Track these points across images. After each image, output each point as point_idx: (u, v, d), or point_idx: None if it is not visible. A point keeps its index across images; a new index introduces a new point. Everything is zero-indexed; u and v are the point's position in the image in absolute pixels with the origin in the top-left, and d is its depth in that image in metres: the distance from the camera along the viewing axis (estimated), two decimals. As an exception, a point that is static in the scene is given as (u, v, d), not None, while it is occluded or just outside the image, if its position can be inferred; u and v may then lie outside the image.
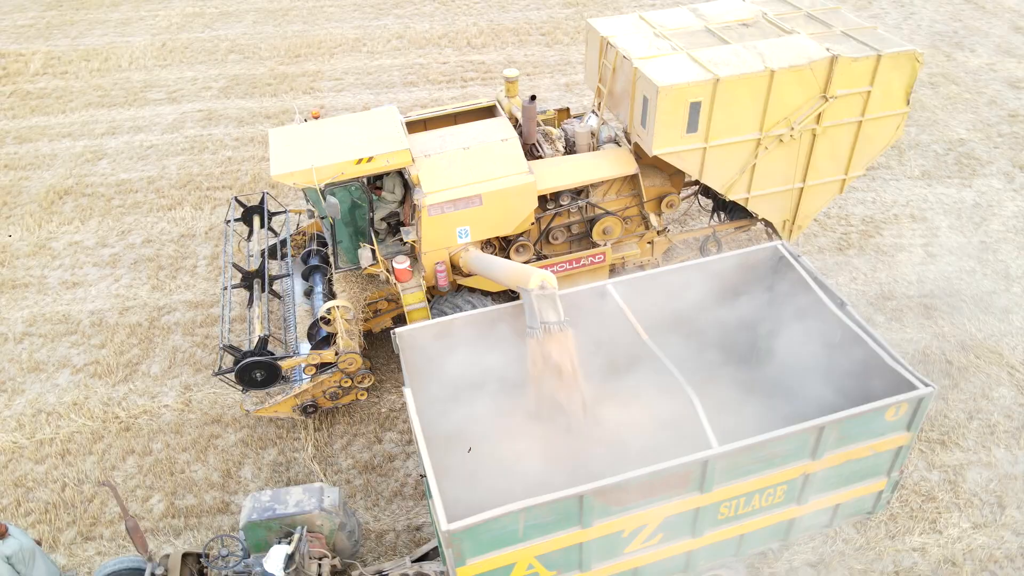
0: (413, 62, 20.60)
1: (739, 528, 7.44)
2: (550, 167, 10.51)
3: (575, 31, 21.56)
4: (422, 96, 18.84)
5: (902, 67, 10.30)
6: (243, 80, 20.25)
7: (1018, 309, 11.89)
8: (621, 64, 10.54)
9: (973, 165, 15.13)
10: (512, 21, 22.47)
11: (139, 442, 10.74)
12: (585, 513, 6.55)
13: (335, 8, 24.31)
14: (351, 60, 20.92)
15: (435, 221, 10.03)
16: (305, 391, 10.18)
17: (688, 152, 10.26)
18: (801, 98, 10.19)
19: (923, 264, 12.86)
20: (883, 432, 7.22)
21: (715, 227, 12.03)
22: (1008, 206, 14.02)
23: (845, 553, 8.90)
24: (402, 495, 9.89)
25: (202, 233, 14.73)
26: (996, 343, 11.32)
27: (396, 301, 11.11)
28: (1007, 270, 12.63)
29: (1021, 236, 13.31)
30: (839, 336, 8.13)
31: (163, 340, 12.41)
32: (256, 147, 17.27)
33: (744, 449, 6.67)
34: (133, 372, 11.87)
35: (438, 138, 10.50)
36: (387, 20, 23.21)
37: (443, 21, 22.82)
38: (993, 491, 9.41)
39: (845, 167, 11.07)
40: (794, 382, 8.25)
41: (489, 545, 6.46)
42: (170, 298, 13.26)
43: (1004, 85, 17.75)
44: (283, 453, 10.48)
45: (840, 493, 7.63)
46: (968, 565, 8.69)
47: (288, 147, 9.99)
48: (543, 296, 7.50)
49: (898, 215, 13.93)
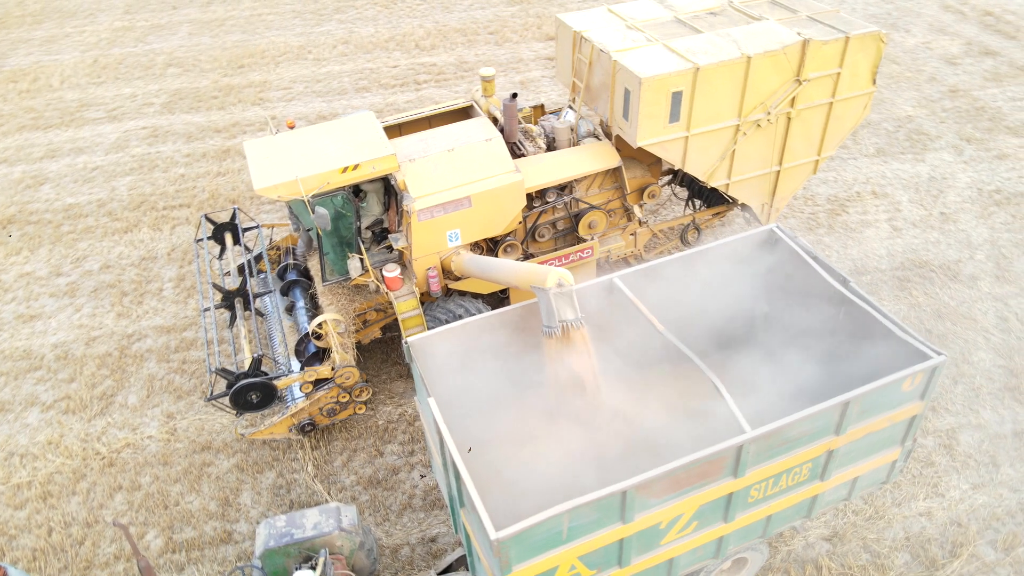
0: (362, 67, 20.24)
1: (767, 509, 7.51)
2: (534, 165, 10.44)
3: (523, 28, 21.55)
4: (376, 101, 18.53)
5: (868, 48, 10.60)
6: (186, 94, 19.55)
7: (983, 275, 12.39)
8: (598, 58, 10.54)
9: (923, 140, 15.71)
10: (458, 21, 22.31)
11: (125, 477, 10.23)
12: (627, 508, 6.50)
13: (274, 16, 23.73)
14: (298, 68, 20.43)
15: (425, 226, 9.85)
16: (301, 410, 9.87)
17: (671, 142, 10.33)
18: (776, 83, 10.38)
19: (890, 239, 13.28)
20: (900, 403, 7.39)
21: (695, 215, 12.16)
22: (961, 178, 14.61)
23: (856, 524, 9.11)
24: (412, 507, 9.68)
25: (164, 255, 14.14)
26: (968, 309, 11.77)
27: (385, 311, 10.88)
28: (968, 239, 13.15)
29: (977, 205, 13.88)
30: (842, 313, 8.30)
31: (137, 369, 11.85)
32: (209, 162, 16.70)
33: (776, 431, 6.73)
34: (109, 405, 11.31)
35: (420, 141, 10.31)
36: (330, 26, 22.76)
37: (388, 24, 22.51)
38: (986, 451, 9.77)
39: (818, 148, 11.34)
40: (803, 360, 8.37)
41: (534, 550, 6.35)
42: (138, 324, 12.68)
43: (941, 62, 18.50)
44: (282, 475, 10.13)
45: (859, 466, 7.78)
46: (973, 524, 9.00)
47: (267, 159, 9.66)
48: (561, 294, 7.42)
49: (860, 192, 14.36)
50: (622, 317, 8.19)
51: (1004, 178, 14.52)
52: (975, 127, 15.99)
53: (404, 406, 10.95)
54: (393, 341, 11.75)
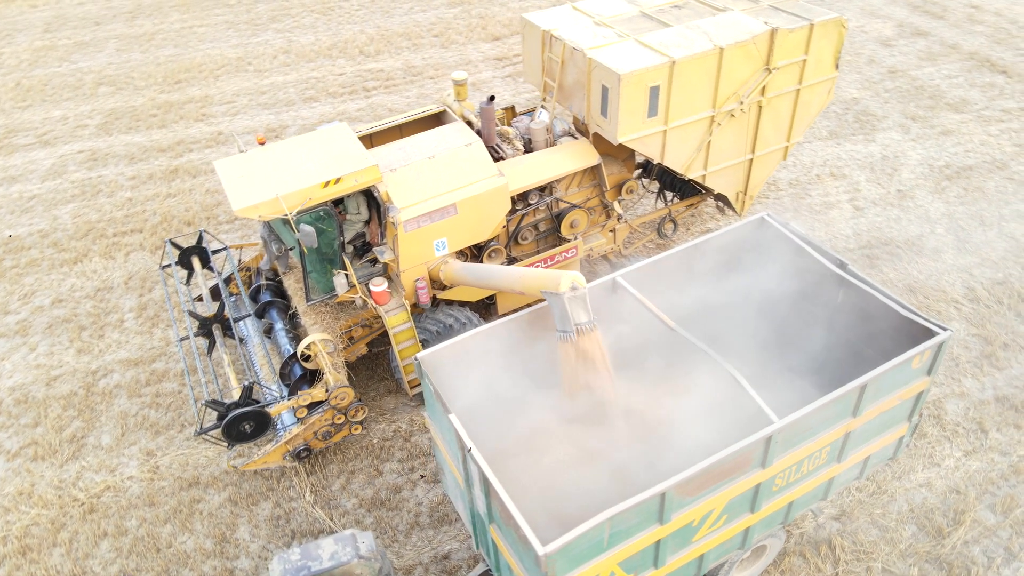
0: (307, 76, 19.71)
1: (789, 496, 7.57)
2: (515, 167, 10.31)
3: (468, 30, 21.35)
4: (326, 111, 18.07)
5: (830, 34, 10.84)
6: (122, 113, 18.69)
7: (946, 248, 12.84)
8: (571, 56, 10.46)
9: (871, 121, 16.21)
10: (400, 25, 21.97)
11: (109, 522, 9.66)
12: (666, 509, 6.44)
13: (206, 28, 22.93)
14: (239, 81, 19.77)
15: (412, 237, 9.60)
16: (296, 435, 9.50)
17: (650, 136, 10.34)
18: (747, 72, 10.51)
19: (854, 218, 13.64)
20: (909, 380, 7.54)
21: (671, 207, 12.23)
22: (911, 155, 15.12)
23: (862, 501, 9.30)
24: (419, 525, 9.43)
25: (121, 284, 13.46)
26: (937, 282, 12.17)
27: (371, 326, 10.58)
28: (927, 213, 13.61)
29: (931, 181, 14.39)
30: (840, 295, 8.45)
31: (107, 407, 11.23)
32: (157, 184, 15.99)
33: (801, 418, 6.77)
34: (81, 447, 10.67)
35: (398, 150, 10.04)
36: (267, 36, 22.12)
37: (328, 32, 22.00)
38: (973, 418, 10.11)
39: (787, 134, 11.54)
40: (807, 345, 8.48)
41: (578, 560, 6.23)
42: (102, 360, 12.02)
43: (877, 44, 19.13)
44: (279, 505, 9.73)
45: (871, 445, 7.93)
46: (971, 490, 9.29)
47: (242, 178, 9.24)
48: (575, 298, 7.31)
49: (820, 175, 14.71)
50: (628, 316, 8.13)
51: (951, 153, 15.09)
52: (917, 106, 16.59)
53: (397, 422, 10.67)
54: (379, 356, 11.44)
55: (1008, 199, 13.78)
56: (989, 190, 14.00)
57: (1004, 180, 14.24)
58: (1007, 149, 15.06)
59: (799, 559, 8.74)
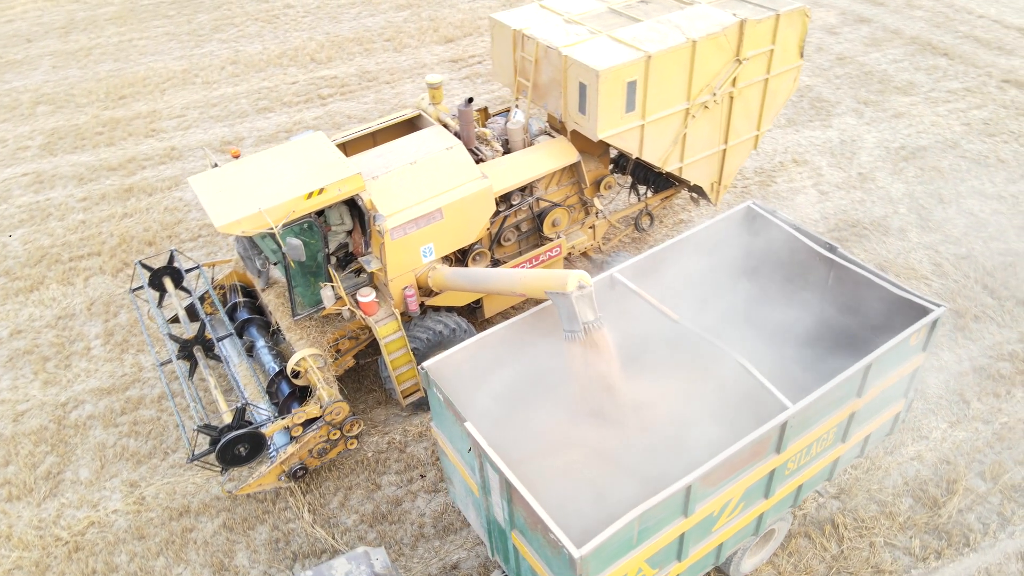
0: (259, 87, 19.24)
1: (799, 479, 7.68)
2: (497, 168, 10.22)
3: (419, 33, 21.14)
4: (282, 120, 17.66)
5: (795, 23, 11.05)
6: (66, 132, 17.94)
7: (910, 227, 13.24)
8: (545, 54, 10.42)
9: (826, 107, 16.61)
10: (350, 31, 21.62)
11: (97, 560, 9.23)
12: (691, 501, 6.46)
13: (145, 41, 22.19)
14: (187, 94, 19.17)
15: (399, 244, 9.44)
16: (291, 455, 9.23)
17: (628, 131, 10.37)
18: (719, 64, 10.63)
19: (820, 202, 13.96)
20: (907, 357, 7.73)
21: (647, 201, 12.31)
22: (867, 138, 15.55)
23: (858, 478, 9.50)
24: (424, 536, 9.27)
25: (83, 310, 12.90)
26: (906, 259, 12.53)
27: (358, 337, 10.36)
28: (889, 194, 14.01)
29: (888, 163, 14.82)
30: (831, 278, 8.61)
31: (82, 439, 10.75)
32: (110, 204, 15.38)
33: (813, 402, 6.87)
34: (58, 484, 10.18)
35: (377, 157, 9.86)
36: (211, 46, 21.52)
37: (275, 40, 21.52)
38: (953, 390, 10.43)
39: (757, 123, 11.72)
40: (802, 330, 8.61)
41: (609, 560, 6.19)
42: (71, 391, 11.50)
43: (823, 32, 19.63)
44: (277, 528, 9.45)
45: (872, 423, 8.10)
46: (960, 460, 9.58)
47: (221, 194, 8.94)
48: (582, 296, 7.26)
49: (783, 162, 15.01)
50: (629, 311, 8.14)
51: (904, 135, 15.57)
52: (868, 90, 17.07)
53: (390, 433, 10.48)
54: (366, 368, 11.22)
55: (963, 177, 14.28)
56: (944, 169, 14.49)
57: (957, 159, 14.76)
58: (956, 129, 15.61)
59: (805, 540, 8.88)
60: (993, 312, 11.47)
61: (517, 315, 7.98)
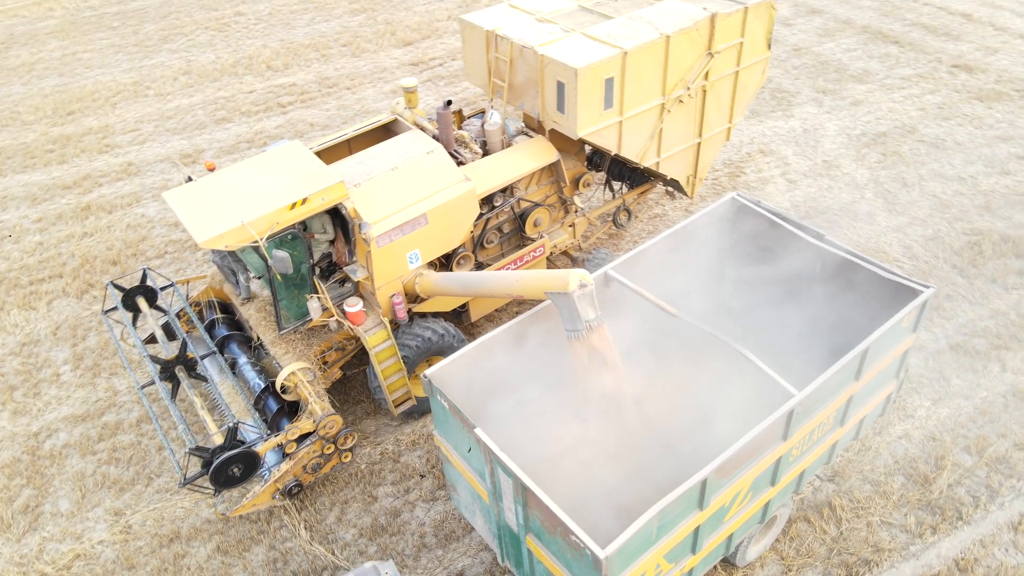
0: (215, 97, 18.78)
1: (801, 465, 7.78)
2: (478, 170, 10.13)
3: (376, 37, 20.90)
4: (243, 131, 17.26)
5: (762, 15, 11.20)
6: (13, 152, 17.26)
7: (878, 211, 13.55)
8: (521, 54, 10.37)
9: (787, 98, 16.91)
10: (305, 37, 21.26)
11: (86, 594, 8.90)
12: (706, 494, 6.48)
13: (90, 54, 21.49)
14: (140, 107, 18.61)
15: (385, 252, 9.28)
16: (285, 472, 9.01)
17: (607, 128, 10.38)
18: (692, 58, 10.71)
19: (789, 191, 14.19)
20: (899, 339, 7.89)
21: (624, 197, 12.35)
22: (829, 127, 15.87)
23: (850, 460, 9.67)
24: (426, 546, 9.14)
25: (48, 335, 12.41)
26: (876, 243, 12.82)
27: (344, 348, 10.17)
28: (854, 180, 14.33)
29: (851, 149, 15.15)
30: (819, 265, 8.74)
31: (59, 470, 10.33)
32: (68, 224, 14.85)
33: (817, 388, 6.95)
34: (37, 518, 9.77)
35: (357, 164, 9.68)
36: (161, 57, 20.94)
37: (228, 48, 21.04)
38: (933, 368, 10.69)
39: (729, 115, 11.86)
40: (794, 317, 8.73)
41: (630, 558, 6.18)
42: (43, 419, 11.05)
43: (777, 24, 19.96)
44: (273, 548, 9.21)
45: (867, 405, 8.26)
46: (946, 436, 9.83)
47: (199, 208, 8.67)
48: (584, 295, 7.23)
49: (750, 153, 15.23)
50: (626, 307, 8.14)
51: (864, 122, 15.94)
52: (825, 80, 17.43)
53: (383, 444, 10.31)
54: (353, 379, 11.03)
55: (923, 160, 14.68)
56: (905, 153, 14.87)
57: (916, 143, 15.16)
58: (913, 114, 16.04)
59: (804, 524, 9.00)
60: (964, 291, 11.81)
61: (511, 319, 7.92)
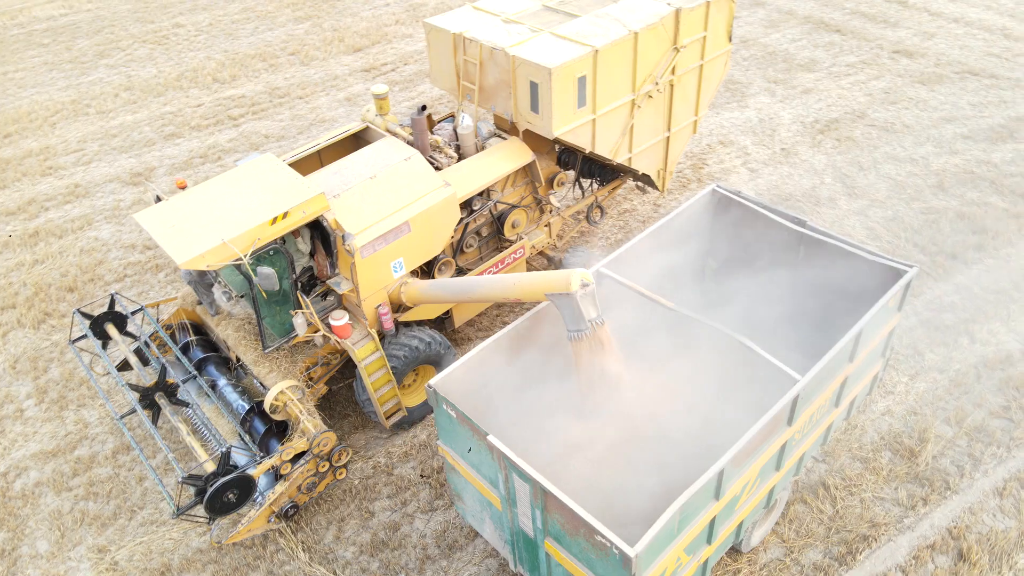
0: (160, 112, 18.19)
1: (803, 448, 7.93)
2: (457, 174, 10.03)
3: (324, 44, 20.54)
4: (195, 146, 16.76)
5: (723, 9, 11.39)
6: (-51, 179, 16.40)
7: (838, 195, 13.92)
8: (491, 56, 10.30)
9: (740, 88, 17.24)
10: (250, 47, 20.77)
11: (77, 638, 8.50)
12: (723, 484, 6.54)
13: (23, 72, 20.61)
14: (81, 126, 17.91)
15: (369, 262, 9.11)
16: (280, 495, 8.76)
17: (581, 127, 10.39)
18: (659, 53, 10.81)
19: (752, 180, 14.47)
20: (886, 319, 8.11)
21: (596, 194, 12.40)
22: (783, 116, 16.24)
23: (838, 440, 9.89)
24: (430, 558, 9.00)
25: (6, 370, 11.83)
26: (840, 227, 13.17)
27: (329, 363, 9.95)
28: (813, 166, 14.69)
29: (807, 136, 15.53)
30: (802, 251, 8.92)
31: (33, 510, 9.85)
32: (17, 252, 14.19)
33: (818, 372, 7.09)
34: (15, 562, 9.29)
35: (334, 175, 9.48)
36: (99, 73, 20.21)
37: (169, 62, 20.41)
38: (908, 344, 11.02)
39: (695, 108, 12.02)
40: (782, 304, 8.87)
41: (654, 555, 6.18)
42: (10, 458, 10.53)
43: (722, 17, 20.32)
44: (272, 572, 8.95)
45: (857, 386, 8.46)
46: (926, 409, 10.14)
47: (175, 228, 8.36)
48: (586, 295, 7.21)
49: (711, 144, 15.47)
50: (622, 303, 8.16)
51: (816, 109, 16.37)
52: (775, 70, 17.84)
53: (374, 458, 10.13)
54: (338, 393, 10.80)
55: (875, 144, 15.14)
56: (858, 138, 15.32)
57: (867, 127, 15.63)
58: (861, 100, 16.54)
59: (802, 505, 9.17)
60: (927, 268, 12.21)
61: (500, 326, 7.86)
